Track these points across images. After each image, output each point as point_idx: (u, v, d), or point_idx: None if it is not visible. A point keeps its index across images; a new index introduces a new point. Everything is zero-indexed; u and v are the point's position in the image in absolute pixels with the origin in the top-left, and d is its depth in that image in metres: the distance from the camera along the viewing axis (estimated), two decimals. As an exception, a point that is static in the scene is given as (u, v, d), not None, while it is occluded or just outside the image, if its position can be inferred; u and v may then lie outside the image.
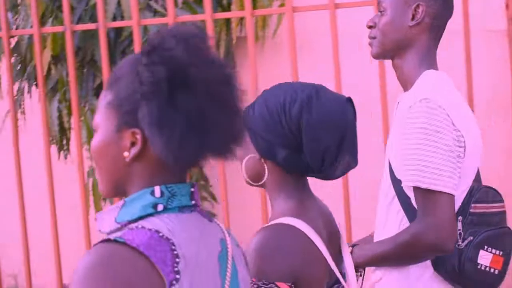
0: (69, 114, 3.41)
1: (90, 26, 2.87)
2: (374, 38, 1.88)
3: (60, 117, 3.35)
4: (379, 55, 1.89)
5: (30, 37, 3.37)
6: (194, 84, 1.08)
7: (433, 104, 1.70)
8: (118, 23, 2.92)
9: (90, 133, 3.32)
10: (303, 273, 1.43)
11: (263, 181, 1.53)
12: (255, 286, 1.42)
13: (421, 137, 1.69)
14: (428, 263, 1.77)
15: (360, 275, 1.83)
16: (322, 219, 1.54)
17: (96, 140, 1.15)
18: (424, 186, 1.69)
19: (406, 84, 1.86)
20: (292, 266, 1.42)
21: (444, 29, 1.90)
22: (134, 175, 1.14)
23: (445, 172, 1.68)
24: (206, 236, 1.18)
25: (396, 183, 1.78)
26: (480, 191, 1.79)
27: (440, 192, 1.68)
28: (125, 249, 1.05)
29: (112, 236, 1.07)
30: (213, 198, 4.03)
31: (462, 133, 1.73)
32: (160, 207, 1.13)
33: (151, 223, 1.10)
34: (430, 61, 1.86)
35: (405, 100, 1.81)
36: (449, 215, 1.68)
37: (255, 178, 1.54)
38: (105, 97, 1.15)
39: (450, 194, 1.69)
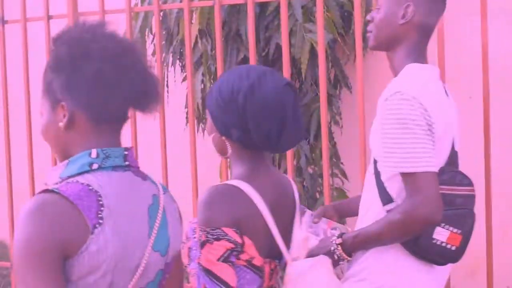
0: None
1: (239, 0, 2.92)
2: (371, 32, 2.09)
3: (203, 90, 3.44)
4: (375, 47, 2.11)
5: (178, 11, 3.48)
6: (93, 53, 1.37)
7: (406, 96, 1.88)
8: (266, -3, 2.94)
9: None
10: (242, 224, 1.66)
11: (228, 154, 1.78)
12: (204, 232, 1.64)
13: (398, 127, 1.87)
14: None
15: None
16: (274, 189, 1.78)
17: (41, 123, 1.47)
18: (408, 170, 1.86)
19: (395, 75, 2.06)
20: (234, 215, 1.65)
21: (434, 26, 2.08)
22: (74, 142, 1.43)
23: (425, 153, 1.86)
24: (136, 191, 1.44)
25: (377, 172, 1.98)
26: (446, 174, 1.95)
27: (424, 172, 1.85)
28: (58, 197, 1.32)
29: (50, 187, 1.34)
30: (344, 175, 4.02)
31: (433, 119, 1.89)
32: (95, 166, 1.40)
33: (85, 178, 1.38)
34: (417, 56, 2.04)
35: (384, 92, 1.97)
36: (435, 189, 1.85)
37: (221, 152, 1.81)
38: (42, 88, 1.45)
39: (434, 172, 1.87)
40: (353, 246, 1.94)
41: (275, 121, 1.69)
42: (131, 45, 1.47)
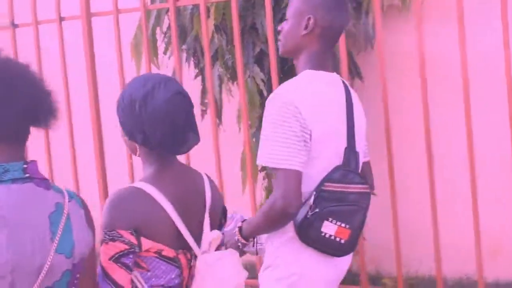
0: (232, 80, 3.49)
1: (255, -6, 2.94)
2: (280, 40, 2.29)
3: (220, 84, 3.46)
4: (283, 54, 2.30)
5: (192, 8, 3.49)
6: None
7: (283, 99, 2.07)
8: (282, -9, 2.96)
9: (250, 99, 3.41)
10: (141, 224, 1.79)
11: (137, 155, 1.94)
12: (103, 233, 1.78)
13: (270, 126, 2.07)
14: (288, 229, 2.14)
15: (253, 244, 2.26)
16: (181, 187, 1.91)
17: None
18: (271, 165, 2.07)
19: None
20: (131, 218, 1.78)
21: (337, 36, 2.26)
22: None
23: (289, 153, 2.04)
24: (36, 200, 1.58)
25: None
26: (337, 172, 2.12)
27: (284, 169, 2.04)
28: None
29: None
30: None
31: (308, 122, 2.06)
32: None
33: None
34: (315, 63, 2.22)
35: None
36: (293, 186, 2.03)
37: (133, 152, 1.96)
38: None
39: (295, 170, 2.04)
40: (246, 232, 2.19)
41: (166, 126, 1.85)
42: (23, 68, 1.63)
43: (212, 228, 1.99)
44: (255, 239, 2.28)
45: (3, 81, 1.57)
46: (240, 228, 2.21)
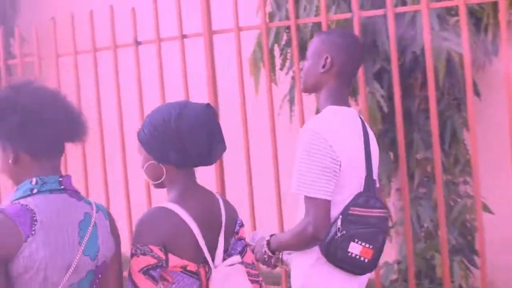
0: (352, 96, 3.50)
1: (379, 12, 2.94)
2: (301, 78, 2.57)
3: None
4: (304, 91, 2.58)
5: (313, 24, 3.54)
6: (18, 108, 1.87)
7: (314, 133, 2.34)
8: (406, 8, 2.95)
9: (371, 115, 3.41)
10: (170, 241, 2.02)
11: (161, 180, 2.13)
12: (134, 247, 2.00)
13: (304, 157, 2.34)
14: (314, 250, 2.42)
15: (278, 257, 2.54)
16: (203, 206, 2.12)
17: None
18: (302, 193, 2.34)
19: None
20: (161, 235, 2.01)
21: (351, 74, 2.50)
22: (20, 172, 1.93)
23: (320, 182, 2.32)
24: (68, 209, 1.91)
25: None
26: (360, 198, 2.40)
27: (315, 198, 2.32)
28: (2, 216, 1.80)
29: None
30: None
31: (338, 154, 2.34)
32: (35, 191, 1.88)
33: (26, 200, 1.85)
34: (336, 99, 2.48)
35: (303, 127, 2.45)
36: (322, 214, 2.32)
37: (155, 178, 2.15)
38: None
39: (325, 199, 2.33)
40: (274, 246, 2.48)
41: (204, 137, 2.06)
42: (53, 94, 1.95)
43: (227, 241, 2.22)
44: (281, 254, 2.56)
45: (40, 106, 1.91)
46: (268, 242, 2.50)
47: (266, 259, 2.52)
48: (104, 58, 4.30)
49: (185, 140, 2.05)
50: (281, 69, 4.11)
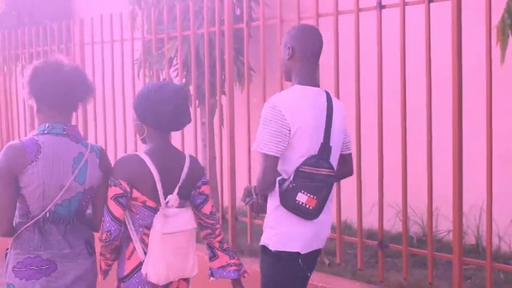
0: None
1: None
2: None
3: None
4: (284, 78, 3.36)
5: None
6: (40, 76, 2.86)
7: (272, 106, 3.08)
8: None
9: None
10: (135, 180, 2.90)
11: (143, 136, 3.03)
12: (109, 180, 2.91)
13: (262, 124, 3.10)
14: (276, 198, 3.13)
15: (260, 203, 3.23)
16: (166, 159, 2.97)
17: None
18: (258, 150, 3.09)
19: None
20: (128, 174, 2.89)
21: (313, 57, 3.21)
22: (41, 119, 2.90)
23: (271, 143, 3.05)
24: (66, 147, 2.86)
25: None
26: (311, 159, 3.07)
27: (266, 154, 3.07)
28: (19, 144, 2.80)
29: (21, 139, 2.87)
30: None
31: (289, 122, 3.04)
32: (45, 132, 2.85)
33: (38, 137, 2.83)
34: (300, 80, 3.19)
35: None
36: (270, 166, 3.08)
37: (139, 135, 3.06)
38: None
39: (273, 155, 3.06)
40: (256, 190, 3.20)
41: (171, 109, 2.94)
42: (68, 67, 2.92)
43: (184, 192, 3.02)
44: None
45: (54, 75, 2.87)
46: (255, 188, 3.22)
47: (255, 205, 3.23)
48: (346, 21, 4.26)
49: (157, 109, 2.94)
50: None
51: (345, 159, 3.35)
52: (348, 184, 4.22)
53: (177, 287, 3.07)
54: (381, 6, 3.98)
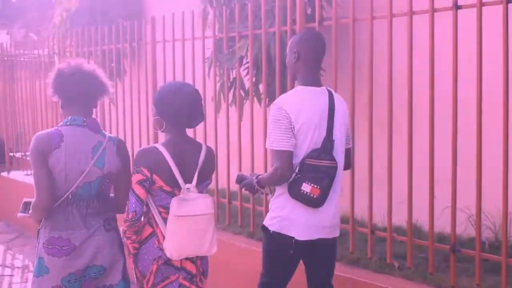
0: None
1: None
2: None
3: None
4: (290, 78, 4.38)
5: None
6: (63, 74, 3.45)
7: (277, 107, 3.53)
8: None
9: None
10: (154, 167, 3.39)
11: (162, 130, 3.52)
12: (133, 169, 3.42)
13: (270, 124, 3.55)
14: (282, 187, 3.59)
15: (268, 192, 3.78)
16: (182, 151, 3.46)
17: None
18: (270, 148, 3.54)
19: None
20: (147, 162, 3.38)
21: (315, 60, 3.66)
22: (65, 113, 3.46)
23: (282, 140, 3.48)
24: (86, 137, 3.39)
25: None
26: (314, 152, 3.50)
27: (281, 150, 3.48)
28: (46, 134, 3.37)
29: (48, 130, 3.48)
30: None
31: (293, 120, 3.48)
32: (68, 123, 3.40)
33: (61, 127, 3.40)
34: (304, 81, 3.65)
35: None
36: (286, 161, 3.48)
37: (158, 128, 3.53)
38: None
39: (287, 150, 3.48)
40: (260, 183, 3.68)
41: (186, 109, 3.46)
42: (86, 67, 3.46)
43: (202, 178, 3.52)
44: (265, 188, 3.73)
45: (72, 73, 3.40)
46: (257, 179, 3.69)
47: (253, 190, 3.74)
48: (420, 21, 4.24)
49: (174, 108, 3.44)
50: None
51: (345, 153, 3.75)
52: (418, 187, 4.20)
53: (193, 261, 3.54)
54: (457, 7, 3.95)
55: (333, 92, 3.68)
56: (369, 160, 4.50)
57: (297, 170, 3.48)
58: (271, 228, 3.62)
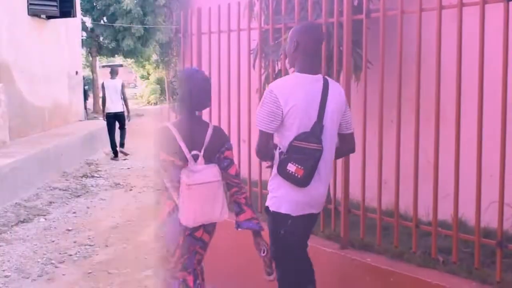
0: None
1: None
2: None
3: None
4: (290, 67, 4.07)
5: None
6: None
7: (269, 90, 3.86)
8: None
9: None
10: (164, 145, 3.82)
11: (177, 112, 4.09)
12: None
13: (260, 105, 3.88)
14: (275, 168, 3.96)
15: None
16: (190, 129, 3.92)
17: None
18: (256, 127, 3.89)
19: None
20: (161, 140, 3.94)
21: (314, 50, 3.97)
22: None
23: (263, 121, 3.85)
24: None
25: None
26: (302, 135, 3.81)
27: (261, 130, 3.86)
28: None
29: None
30: None
31: (282, 103, 3.81)
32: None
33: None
34: (300, 69, 3.95)
35: None
36: (262, 140, 3.88)
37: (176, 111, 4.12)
38: None
39: (266, 132, 3.86)
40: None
41: (198, 93, 3.96)
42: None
43: (209, 153, 3.91)
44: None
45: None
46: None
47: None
48: (468, 13, 4.21)
49: (188, 92, 3.91)
50: None
51: (345, 138, 4.06)
52: (463, 181, 4.18)
53: (205, 230, 3.96)
54: (508, 0, 3.91)
55: (329, 80, 4.00)
56: (414, 154, 4.49)
57: (285, 151, 3.84)
58: (271, 208, 3.99)
